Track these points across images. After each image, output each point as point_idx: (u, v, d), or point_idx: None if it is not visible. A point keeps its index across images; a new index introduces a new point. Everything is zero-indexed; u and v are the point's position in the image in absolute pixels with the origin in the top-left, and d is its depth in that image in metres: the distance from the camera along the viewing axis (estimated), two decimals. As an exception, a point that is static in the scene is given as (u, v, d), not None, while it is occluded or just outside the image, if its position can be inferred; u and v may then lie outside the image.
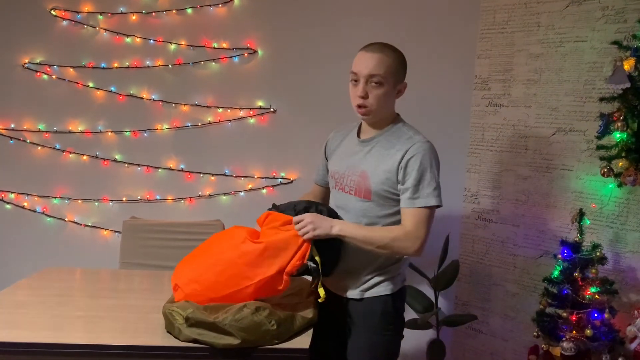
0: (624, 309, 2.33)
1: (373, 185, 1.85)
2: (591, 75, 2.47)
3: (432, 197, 1.80)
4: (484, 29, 2.82)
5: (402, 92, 1.90)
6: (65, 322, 1.80)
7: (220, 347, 1.65)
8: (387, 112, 1.90)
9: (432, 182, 1.81)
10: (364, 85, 1.82)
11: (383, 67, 1.80)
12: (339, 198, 1.96)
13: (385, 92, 1.83)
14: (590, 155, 2.47)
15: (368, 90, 1.82)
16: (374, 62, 1.81)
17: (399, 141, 1.85)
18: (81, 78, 3.04)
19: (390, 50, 1.85)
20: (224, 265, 1.79)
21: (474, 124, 2.88)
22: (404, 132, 1.88)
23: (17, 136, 3.09)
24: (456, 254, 2.93)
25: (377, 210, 1.87)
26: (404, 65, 1.89)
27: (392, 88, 1.85)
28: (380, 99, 1.83)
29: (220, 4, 2.96)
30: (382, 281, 1.90)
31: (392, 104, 1.91)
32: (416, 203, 1.80)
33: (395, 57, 1.85)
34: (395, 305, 1.91)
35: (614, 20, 2.39)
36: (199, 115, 3.04)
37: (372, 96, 1.82)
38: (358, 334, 1.91)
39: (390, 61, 1.82)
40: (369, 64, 1.81)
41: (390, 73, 1.82)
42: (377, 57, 1.81)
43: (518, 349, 2.74)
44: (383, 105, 1.85)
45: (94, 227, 3.12)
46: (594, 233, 2.45)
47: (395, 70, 1.84)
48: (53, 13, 3.00)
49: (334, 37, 2.90)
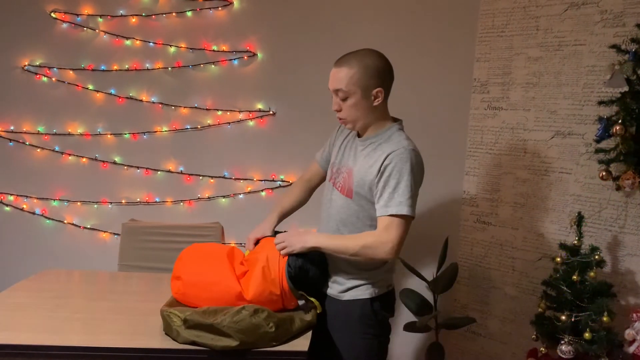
0: (622, 312, 2.33)
1: (354, 184, 1.88)
2: (590, 79, 2.47)
3: (404, 206, 1.78)
4: (483, 33, 2.82)
5: (380, 97, 1.85)
6: (64, 325, 1.80)
7: (218, 349, 1.65)
8: (370, 118, 1.89)
9: (407, 191, 1.79)
10: (335, 99, 1.88)
11: (344, 80, 1.82)
12: (329, 191, 2.01)
13: (355, 103, 1.84)
14: (589, 158, 2.47)
15: (340, 103, 1.87)
16: (336, 76, 1.85)
17: (387, 144, 1.86)
18: (81, 80, 3.05)
19: (355, 61, 1.83)
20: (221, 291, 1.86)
21: (473, 127, 2.89)
22: (395, 137, 1.88)
23: (17, 138, 3.09)
24: (455, 256, 2.93)
25: (357, 209, 1.89)
26: (376, 70, 1.83)
27: (361, 97, 1.84)
28: (352, 109, 1.86)
29: (220, 7, 2.97)
30: (361, 285, 1.91)
31: (370, 110, 1.87)
32: (388, 210, 1.80)
33: (361, 65, 1.82)
34: (375, 309, 1.92)
35: (613, 24, 2.39)
36: (198, 117, 3.04)
37: (344, 108, 1.87)
38: (339, 333, 1.94)
39: (353, 72, 1.82)
40: (332, 80, 1.87)
41: (353, 84, 1.82)
42: (338, 72, 1.85)
43: (517, 352, 2.74)
44: (357, 114, 1.86)
45: (93, 230, 3.12)
46: (592, 236, 2.46)
47: (360, 79, 1.82)
48: (53, 15, 3.01)
49: (333, 40, 2.90)
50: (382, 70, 1.85)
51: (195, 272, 1.90)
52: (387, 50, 3.00)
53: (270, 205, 3.04)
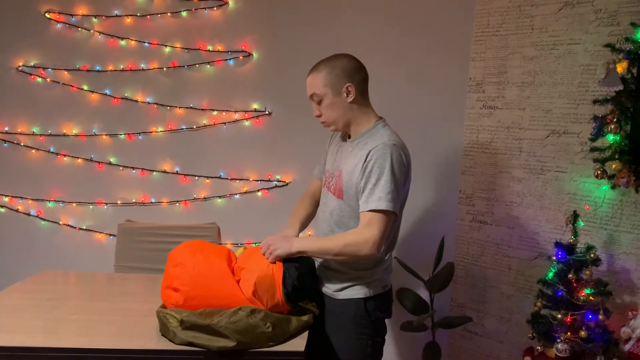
0: (618, 310, 2.34)
1: (344, 184, 1.90)
2: (585, 78, 2.48)
3: (383, 201, 1.78)
4: (478, 32, 2.83)
5: (352, 92, 1.89)
6: (60, 326, 1.79)
7: (215, 349, 1.65)
8: (349, 116, 1.92)
9: (387, 186, 1.79)
10: (314, 105, 1.96)
11: (314, 85, 1.91)
12: (324, 195, 2.04)
13: (330, 103, 1.91)
14: (584, 157, 2.48)
15: (318, 108, 1.94)
16: (309, 83, 1.94)
17: (371, 141, 1.87)
18: (76, 81, 3.04)
19: (323, 65, 1.91)
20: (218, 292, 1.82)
21: (469, 126, 2.89)
22: (379, 133, 1.89)
23: (11, 139, 3.08)
24: (451, 256, 2.94)
25: (349, 210, 1.90)
26: (342, 69, 1.89)
27: (334, 96, 1.89)
28: (328, 110, 1.92)
29: (215, 7, 2.97)
30: (355, 285, 1.92)
31: (347, 108, 1.91)
32: (368, 206, 1.80)
33: (328, 67, 1.89)
34: (369, 309, 1.92)
35: (607, 23, 2.40)
36: (194, 118, 3.04)
37: (322, 111, 1.94)
38: (334, 332, 1.94)
39: (322, 74, 1.89)
40: (308, 87, 1.95)
41: (324, 85, 1.89)
42: (310, 78, 1.93)
43: (513, 351, 2.75)
44: (335, 114, 1.92)
45: (89, 231, 3.11)
46: (588, 235, 2.47)
47: (328, 80, 1.88)
48: (47, 16, 3.00)
49: (329, 39, 2.90)
50: (349, 68, 1.91)
51: (196, 285, 1.82)
52: (383, 49, 3.01)
53: (266, 206, 3.05)
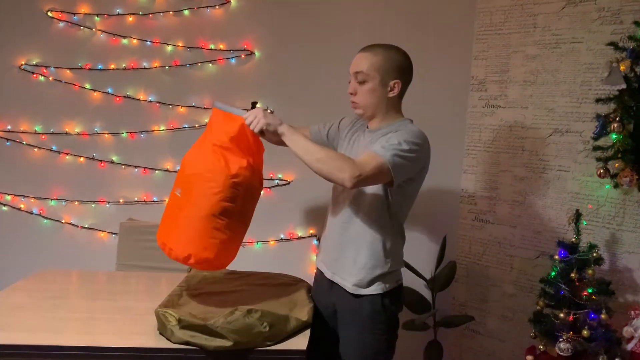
0: (620, 310, 2.33)
1: None
2: (587, 77, 2.47)
3: (387, 150, 1.75)
4: (481, 30, 2.82)
5: (396, 89, 1.88)
6: (62, 324, 1.80)
7: (212, 349, 1.65)
8: (381, 109, 1.90)
9: (396, 144, 1.76)
10: (353, 82, 1.90)
11: (366, 64, 1.86)
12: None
13: (371, 89, 1.87)
14: (587, 156, 2.47)
15: (356, 87, 1.89)
16: (359, 60, 1.88)
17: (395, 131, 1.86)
18: (78, 79, 3.04)
19: (381, 49, 1.87)
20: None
21: (471, 125, 2.89)
22: (409, 128, 1.89)
23: (14, 138, 3.08)
24: (453, 255, 2.93)
25: (361, 196, 1.89)
26: (398, 63, 1.88)
27: (378, 84, 1.87)
28: (366, 95, 1.88)
29: (217, 6, 2.96)
30: (374, 280, 1.90)
31: (383, 100, 1.89)
32: (373, 148, 1.80)
33: (386, 55, 1.86)
34: (385, 304, 1.91)
35: (610, 21, 2.39)
36: (195, 116, 3.04)
37: (359, 92, 1.89)
38: (348, 327, 1.94)
39: (377, 59, 1.85)
40: (355, 63, 1.90)
41: (375, 69, 1.85)
42: (363, 56, 1.88)
43: (515, 350, 2.74)
44: (371, 101, 1.89)
45: (91, 229, 3.11)
46: (590, 234, 2.46)
47: (382, 66, 1.85)
48: (49, 14, 3.00)
49: (330, 38, 2.90)
50: (404, 65, 1.90)
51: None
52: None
53: (267, 204, 3.04)
